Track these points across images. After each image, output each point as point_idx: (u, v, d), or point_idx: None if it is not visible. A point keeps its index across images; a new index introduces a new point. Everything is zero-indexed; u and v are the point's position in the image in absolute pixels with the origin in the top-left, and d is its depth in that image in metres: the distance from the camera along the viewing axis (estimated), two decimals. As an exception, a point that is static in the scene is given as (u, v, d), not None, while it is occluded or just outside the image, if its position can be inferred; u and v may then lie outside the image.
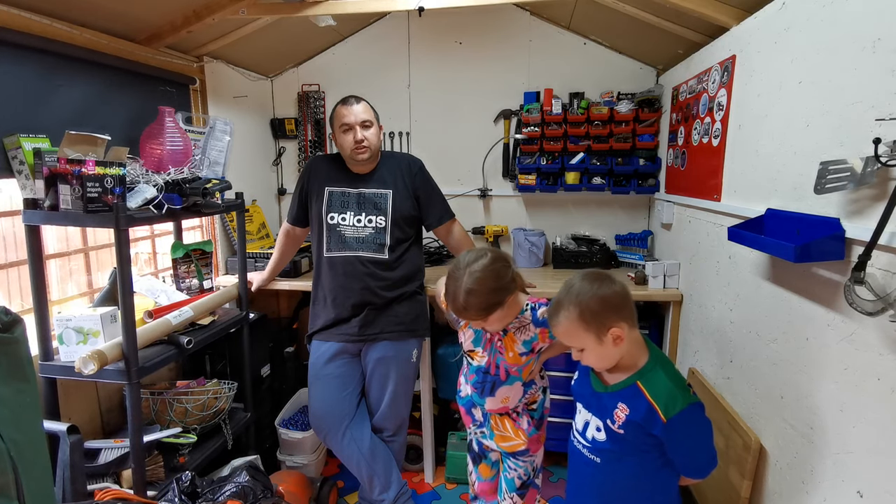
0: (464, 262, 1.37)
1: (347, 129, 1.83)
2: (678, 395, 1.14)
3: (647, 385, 1.16)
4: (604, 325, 1.14)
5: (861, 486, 1.02)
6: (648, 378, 1.17)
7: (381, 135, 1.92)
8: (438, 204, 2.01)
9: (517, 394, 1.55)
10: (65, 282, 1.82)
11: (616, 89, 2.58)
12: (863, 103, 1.02)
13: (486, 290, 1.32)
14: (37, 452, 0.91)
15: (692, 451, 1.18)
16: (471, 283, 1.32)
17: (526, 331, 1.47)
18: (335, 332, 1.95)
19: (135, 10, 1.78)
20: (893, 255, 0.95)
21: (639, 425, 1.16)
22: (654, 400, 1.14)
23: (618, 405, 1.19)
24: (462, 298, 1.33)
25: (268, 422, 2.30)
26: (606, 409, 1.22)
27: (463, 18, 2.67)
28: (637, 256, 2.50)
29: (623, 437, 1.19)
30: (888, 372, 0.95)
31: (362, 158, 1.86)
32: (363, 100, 1.90)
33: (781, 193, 1.33)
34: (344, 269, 1.89)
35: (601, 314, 1.14)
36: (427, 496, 2.25)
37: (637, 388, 1.17)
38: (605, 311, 1.14)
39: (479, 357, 1.56)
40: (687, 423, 1.14)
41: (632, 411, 1.17)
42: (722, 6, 1.64)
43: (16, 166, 1.46)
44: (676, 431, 1.13)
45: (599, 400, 1.25)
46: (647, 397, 1.15)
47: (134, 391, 1.48)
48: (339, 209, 1.91)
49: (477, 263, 1.34)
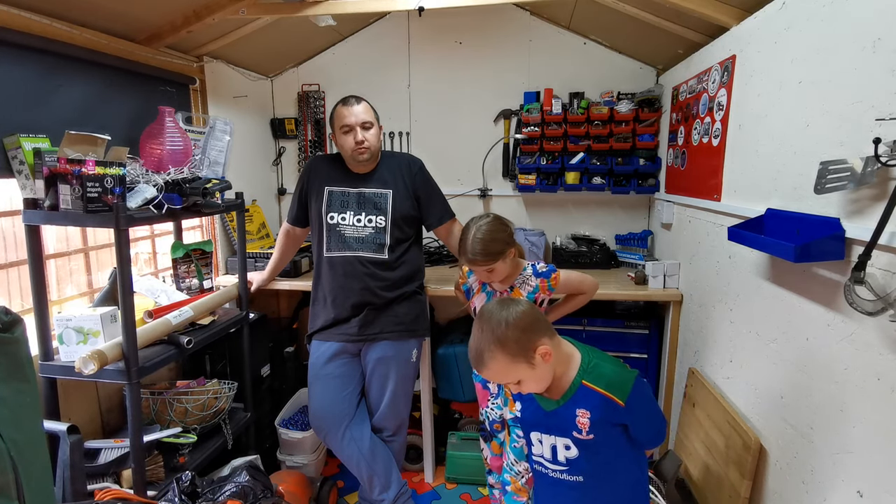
0: (472, 221, 1.66)
1: (348, 131, 1.83)
2: (623, 375, 1.16)
3: (593, 380, 1.17)
4: (529, 349, 1.12)
5: (861, 486, 1.02)
6: (591, 373, 1.18)
7: (381, 135, 1.92)
8: (439, 204, 2.01)
9: None
10: (65, 282, 1.82)
11: (616, 89, 2.58)
12: (863, 103, 1.02)
13: (490, 237, 1.60)
14: (37, 452, 0.91)
15: (650, 420, 1.22)
16: (479, 233, 1.61)
17: (528, 283, 1.71)
18: (335, 332, 1.95)
19: (135, 10, 1.78)
20: (893, 255, 0.95)
21: (604, 421, 1.16)
22: (607, 389, 1.15)
23: (576, 412, 1.17)
24: (471, 246, 1.60)
25: (268, 422, 2.30)
26: (567, 421, 1.19)
27: (463, 18, 2.67)
28: (637, 256, 2.50)
29: (595, 442, 1.18)
30: (888, 372, 0.95)
31: (363, 159, 1.86)
32: (363, 100, 1.89)
33: (781, 193, 1.33)
34: (344, 270, 1.89)
35: (521, 340, 1.12)
36: (427, 496, 2.25)
37: (585, 387, 1.17)
38: (524, 335, 1.12)
39: None
40: (640, 397, 1.17)
41: (592, 411, 1.16)
42: (722, 6, 1.64)
43: (16, 166, 1.46)
44: (635, 409, 1.16)
45: (556, 417, 1.21)
46: (598, 391, 1.15)
47: (134, 391, 1.48)
48: (338, 209, 1.91)
49: (483, 219, 1.66)
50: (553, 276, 1.68)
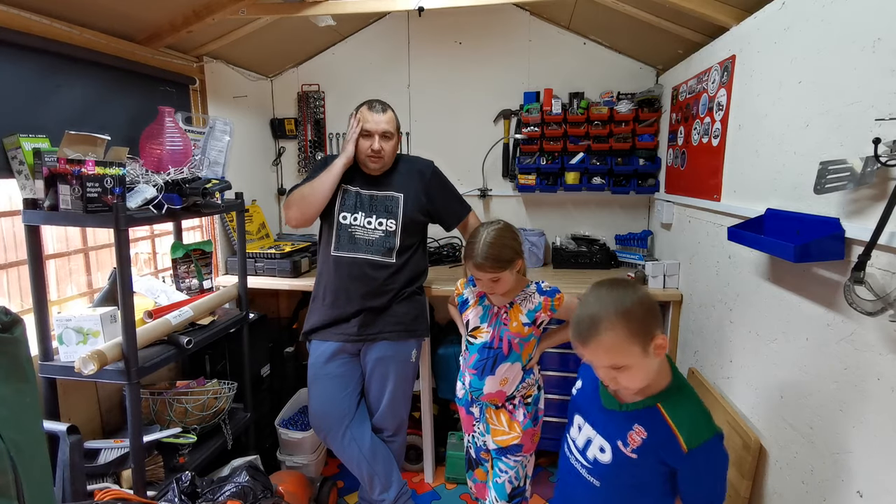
0: (483, 226, 1.59)
1: (367, 135, 1.83)
2: (703, 423, 1.04)
3: (669, 409, 1.06)
4: (649, 335, 1.01)
5: (861, 486, 1.02)
6: (671, 402, 1.07)
7: (398, 146, 1.93)
8: (456, 204, 2.03)
9: (516, 377, 1.62)
10: (64, 282, 1.82)
11: (616, 89, 2.58)
12: (862, 103, 1.02)
13: (500, 243, 1.53)
14: (36, 452, 0.91)
15: (708, 486, 1.07)
16: (490, 238, 1.54)
17: (531, 300, 1.62)
18: (334, 332, 1.94)
19: (135, 10, 1.78)
20: (893, 255, 0.95)
21: (655, 451, 1.06)
22: (677, 427, 1.04)
23: (633, 427, 1.08)
24: (481, 250, 1.52)
25: (268, 422, 2.30)
26: (619, 429, 1.11)
27: (463, 18, 2.67)
28: (637, 256, 2.50)
29: (634, 462, 1.09)
30: (888, 372, 0.95)
31: (373, 168, 1.87)
32: (390, 108, 1.87)
33: (781, 193, 1.33)
34: (349, 271, 1.89)
35: (646, 320, 1.01)
36: (427, 496, 2.25)
37: (657, 411, 1.06)
38: (649, 316, 1.02)
39: (483, 333, 1.64)
40: (709, 456, 1.04)
41: (650, 435, 1.06)
42: (722, 6, 1.64)
43: (15, 166, 1.46)
44: (697, 463, 1.04)
45: (610, 418, 1.14)
46: (668, 422, 1.05)
47: (134, 391, 1.48)
48: (351, 209, 1.91)
49: (494, 224, 1.59)
50: (557, 297, 1.61)
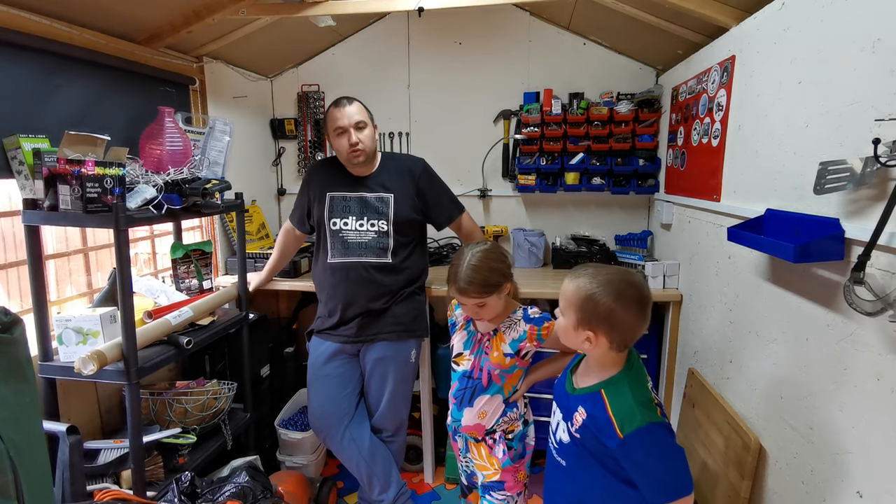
0: (468, 247, 1.49)
1: (342, 132, 1.82)
2: (637, 411, 1.08)
3: (610, 396, 1.13)
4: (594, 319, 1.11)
5: (861, 486, 1.02)
6: (613, 389, 1.13)
7: (376, 135, 1.91)
8: (447, 202, 2.01)
9: (496, 410, 1.53)
10: (64, 282, 1.82)
11: (616, 89, 2.58)
12: (862, 103, 1.02)
13: (486, 267, 1.42)
14: (36, 453, 0.91)
15: (652, 474, 1.08)
16: (474, 260, 1.43)
17: (515, 329, 1.51)
18: (334, 333, 1.95)
19: (135, 11, 1.78)
20: (893, 256, 0.95)
21: (593, 433, 1.13)
22: (613, 413, 1.10)
23: (578, 408, 1.17)
24: (465, 274, 1.41)
25: (267, 422, 2.30)
26: (569, 410, 1.21)
27: (463, 18, 2.67)
28: (637, 257, 2.50)
29: (580, 442, 1.17)
30: (888, 372, 0.95)
31: (358, 162, 1.86)
32: (356, 100, 1.87)
33: (781, 193, 1.33)
34: (347, 276, 1.89)
35: (603, 303, 1.10)
36: (427, 496, 2.25)
37: (599, 396, 1.14)
38: (609, 301, 1.09)
39: (465, 360, 1.58)
40: (645, 443, 1.07)
41: (588, 417, 1.14)
42: (722, 6, 1.64)
43: (15, 166, 1.46)
44: (633, 450, 1.07)
45: (568, 401, 1.23)
46: (606, 408, 1.12)
47: (133, 391, 1.48)
48: (340, 214, 1.90)
49: (479, 245, 1.48)
50: (545, 326, 1.49)
